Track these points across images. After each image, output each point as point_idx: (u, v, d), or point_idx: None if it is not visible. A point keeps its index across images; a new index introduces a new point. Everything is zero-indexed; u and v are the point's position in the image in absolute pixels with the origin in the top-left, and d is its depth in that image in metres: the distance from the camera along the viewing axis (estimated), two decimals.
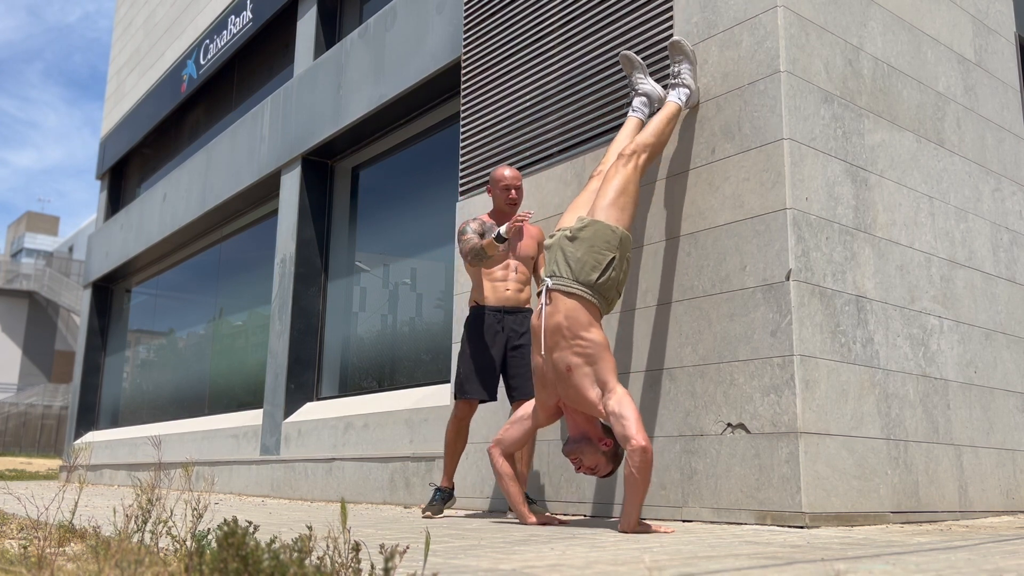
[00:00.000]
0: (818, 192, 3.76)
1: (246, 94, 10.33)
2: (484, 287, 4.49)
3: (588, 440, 3.55)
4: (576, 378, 3.49)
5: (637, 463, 3.26)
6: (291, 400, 7.63)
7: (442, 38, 6.31)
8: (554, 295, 3.58)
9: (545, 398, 3.66)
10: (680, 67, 4.09)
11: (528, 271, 4.57)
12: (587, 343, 3.48)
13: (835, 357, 3.64)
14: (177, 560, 1.74)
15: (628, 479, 3.28)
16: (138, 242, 11.64)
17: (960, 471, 4.16)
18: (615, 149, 4.02)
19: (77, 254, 41.32)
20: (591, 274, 3.55)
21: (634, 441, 3.27)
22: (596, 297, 3.56)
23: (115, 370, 12.82)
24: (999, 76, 5.14)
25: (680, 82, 4.06)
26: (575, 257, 3.57)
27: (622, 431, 3.32)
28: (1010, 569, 1.99)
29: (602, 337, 3.51)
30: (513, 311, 4.47)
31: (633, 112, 4.18)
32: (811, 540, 2.76)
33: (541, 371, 3.63)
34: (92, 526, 2.81)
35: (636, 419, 3.32)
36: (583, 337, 3.48)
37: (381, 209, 7.59)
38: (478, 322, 4.46)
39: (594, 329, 3.51)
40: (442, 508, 4.44)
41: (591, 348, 3.47)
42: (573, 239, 3.61)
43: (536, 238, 4.61)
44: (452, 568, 2.07)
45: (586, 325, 3.50)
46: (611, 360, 3.48)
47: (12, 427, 31.73)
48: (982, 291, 4.62)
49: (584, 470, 3.57)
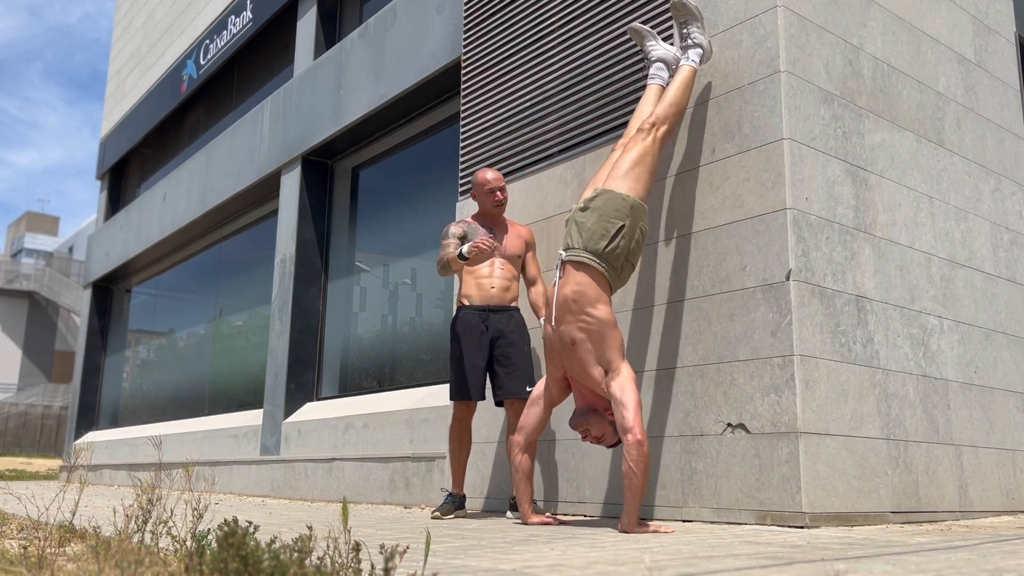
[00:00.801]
0: (818, 192, 3.76)
1: (246, 94, 10.33)
2: (469, 285, 4.53)
3: (594, 411, 3.60)
4: (580, 352, 3.52)
5: (635, 457, 3.28)
6: (291, 400, 7.63)
7: (442, 38, 6.31)
8: (567, 267, 3.60)
9: (553, 370, 3.70)
10: (688, 28, 4.06)
11: (515, 270, 4.59)
12: (592, 320, 3.50)
13: (835, 357, 3.64)
14: (177, 560, 1.74)
15: (627, 475, 3.30)
16: (138, 242, 11.64)
17: (960, 471, 4.16)
18: (636, 121, 4.01)
19: (77, 254, 41.33)
20: (599, 242, 3.56)
21: (631, 435, 3.29)
22: (606, 267, 3.56)
23: (115, 370, 12.82)
24: (999, 76, 5.14)
25: (692, 43, 4.03)
26: (586, 227, 3.59)
27: (621, 420, 3.35)
28: (1010, 569, 1.99)
29: (608, 314, 3.51)
30: (498, 310, 4.49)
31: (651, 80, 4.12)
32: (811, 540, 2.76)
33: (550, 342, 3.66)
34: (92, 526, 2.82)
35: (636, 409, 3.34)
36: (589, 313, 3.50)
37: (381, 209, 7.59)
38: (462, 322, 4.49)
39: (601, 305, 3.52)
40: (452, 510, 4.45)
41: (595, 325, 3.49)
42: (585, 209, 3.63)
43: (524, 237, 4.63)
44: (452, 568, 2.07)
45: (593, 301, 3.51)
46: (616, 337, 3.49)
47: (12, 427, 31.73)
48: (982, 291, 4.62)
49: (591, 439, 3.63)
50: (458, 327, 4.49)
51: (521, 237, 4.61)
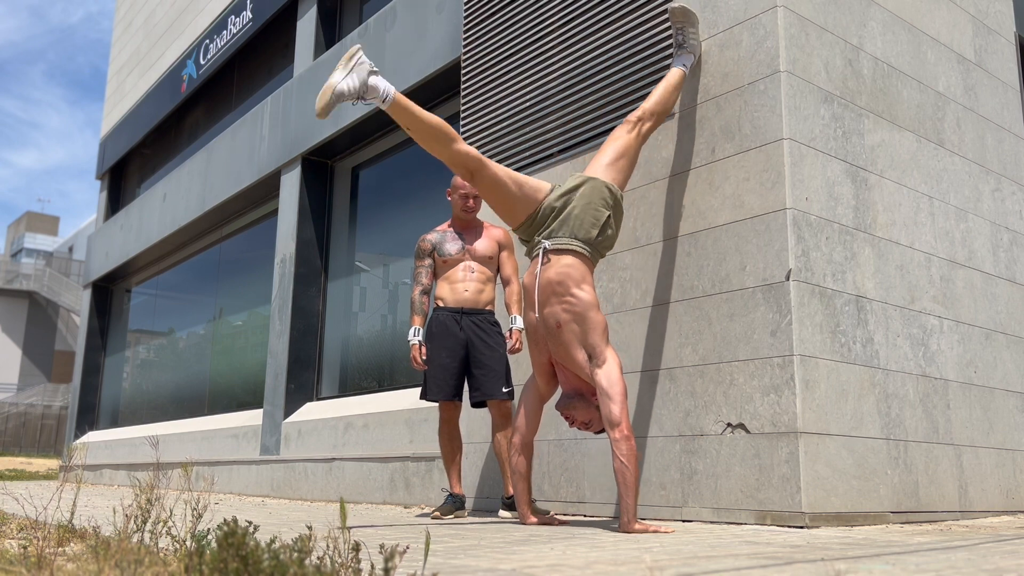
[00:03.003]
0: (818, 192, 3.76)
1: (246, 94, 10.33)
2: (443, 289, 4.61)
3: (581, 395, 3.58)
4: (564, 335, 3.50)
5: (625, 452, 3.26)
6: (291, 400, 7.63)
7: (442, 38, 6.31)
8: (550, 255, 3.58)
9: (538, 355, 3.68)
10: (685, 33, 4.11)
11: (489, 271, 4.65)
12: (576, 301, 3.48)
13: (835, 357, 3.64)
14: (177, 560, 1.74)
15: (619, 472, 3.27)
16: (138, 242, 11.64)
17: (960, 471, 4.16)
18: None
19: (77, 254, 41.33)
20: (591, 231, 3.58)
21: (618, 431, 3.28)
22: (593, 253, 3.60)
23: (115, 370, 12.82)
24: (999, 76, 5.14)
25: (686, 48, 4.10)
26: (573, 215, 3.59)
27: (608, 414, 3.33)
28: (1010, 569, 1.99)
29: (593, 296, 3.51)
30: (472, 312, 4.54)
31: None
32: (811, 540, 2.76)
33: (533, 328, 3.64)
34: (92, 526, 2.82)
35: (623, 402, 3.32)
36: (573, 295, 3.49)
37: (381, 209, 7.59)
38: (436, 322, 4.56)
39: (586, 286, 3.51)
40: (452, 510, 4.47)
41: (579, 306, 3.48)
42: (564, 195, 3.62)
43: (497, 239, 4.67)
44: (452, 568, 2.07)
45: (578, 281, 3.51)
46: (600, 321, 3.47)
47: (12, 427, 31.73)
48: (982, 291, 4.62)
49: (578, 425, 3.62)
50: (433, 327, 4.57)
51: (494, 239, 4.67)
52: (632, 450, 3.28)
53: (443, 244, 4.60)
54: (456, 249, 4.58)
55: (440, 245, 4.61)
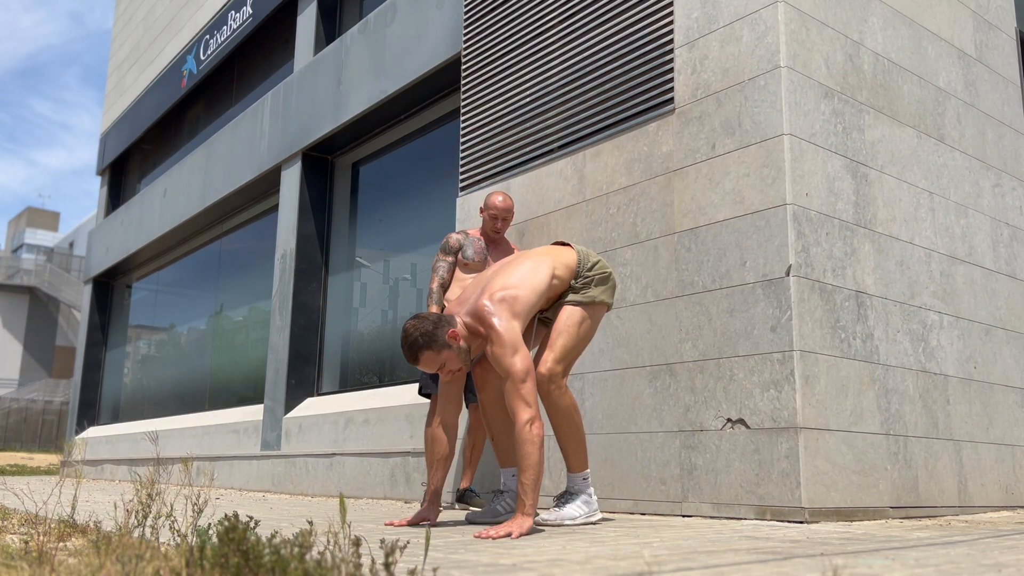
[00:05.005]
0: (818, 187, 3.76)
1: (246, 90, 10.32)
2: (454, 290, 4.62)
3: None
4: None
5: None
6: (292, 395, 7.64)
7: (442, 33, 6.31)
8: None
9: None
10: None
11: None
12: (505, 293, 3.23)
13: (835, 352, 3.64)
14: (178, 555, 1.74)
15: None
16: (138, 238, 11.64)
17: (959, 466, 4.17)
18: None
19: (78, 250, 41.34)
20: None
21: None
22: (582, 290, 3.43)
23: (116, 365, 12.83)
24: (1000, 71, 5.13)
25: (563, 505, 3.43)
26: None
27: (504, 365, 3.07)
28: (1009, 564, 2.00)
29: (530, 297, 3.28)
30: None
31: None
32: (811, 535, 2.77)
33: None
34: (93, 521, 2.82)
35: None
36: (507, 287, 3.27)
37: (382, 205, 7.59)
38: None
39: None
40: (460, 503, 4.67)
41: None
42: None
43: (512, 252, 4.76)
44: (453, 563, 2.08)
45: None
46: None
47: (13, 422, 31.77)
48: (982, 287, 4.63)
49: (446, 373, 3.32)
50: None
51: (508, 253, 4.74)
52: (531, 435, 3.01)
53: (469, 247, 4.67)
54: (479, 257, 4.64)
55: (466, 247, 4.67)
